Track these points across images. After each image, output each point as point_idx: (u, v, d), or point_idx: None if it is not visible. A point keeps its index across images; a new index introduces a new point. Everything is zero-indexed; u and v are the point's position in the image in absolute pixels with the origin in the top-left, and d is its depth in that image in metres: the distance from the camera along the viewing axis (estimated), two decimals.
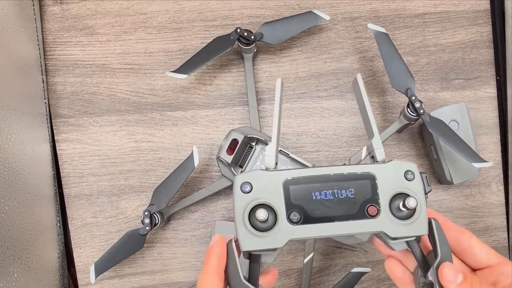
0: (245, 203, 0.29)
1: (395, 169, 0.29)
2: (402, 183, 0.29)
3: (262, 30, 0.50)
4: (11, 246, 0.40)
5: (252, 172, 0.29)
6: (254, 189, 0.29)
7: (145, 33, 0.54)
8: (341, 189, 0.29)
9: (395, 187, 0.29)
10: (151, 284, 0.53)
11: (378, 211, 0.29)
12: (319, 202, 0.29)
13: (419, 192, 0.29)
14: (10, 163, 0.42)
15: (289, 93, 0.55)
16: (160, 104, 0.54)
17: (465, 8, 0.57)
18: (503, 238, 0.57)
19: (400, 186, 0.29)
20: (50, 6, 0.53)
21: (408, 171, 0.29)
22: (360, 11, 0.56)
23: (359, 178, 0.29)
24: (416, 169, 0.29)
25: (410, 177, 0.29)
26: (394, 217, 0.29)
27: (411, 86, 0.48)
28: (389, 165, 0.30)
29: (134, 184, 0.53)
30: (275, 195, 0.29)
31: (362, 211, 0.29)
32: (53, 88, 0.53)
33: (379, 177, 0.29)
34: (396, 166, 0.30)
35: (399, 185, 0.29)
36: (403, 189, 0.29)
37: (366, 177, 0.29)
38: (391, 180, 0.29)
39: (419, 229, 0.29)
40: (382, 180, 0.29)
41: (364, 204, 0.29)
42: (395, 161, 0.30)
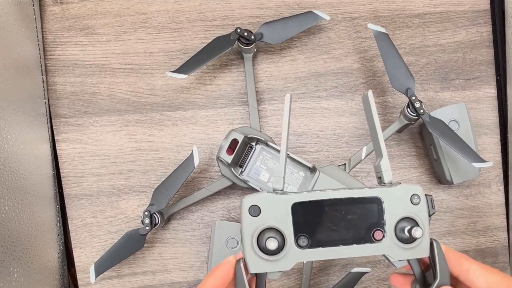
0: (254, 227, 0.28)
1: (402, 193, 0.29)
2: (408, 207, 0.29)
3: (262, 30, 0.50)
4: (11, 246, 0.40)
5: (261, 194, 0.29)
6: (262, 213, 0.29)
7: (145, 33, 0.54)
8: (349, 213, 0.29)
9: (401, 211, 0.29)
10: (151, 284, 0.53)
11: (383, 235, 0.29)
12: (327, 226, 0.29)
13: (424, 216, 0.29)
14: (10, 163, 0.42)
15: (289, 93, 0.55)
16: (160, 104, 0.54)
17: (465, 8, 0.57)
18: (503, 238, 0.57)
19: (406, 211, 0.29)
20: (50, 6, 0.53)
21: (415, 195, 0.29)
22: (360, 11, 0.56)
23: (366, 202, 0.29)
24: (422, 193, 0.30)
25: (416, 201, 0.29)
26: (398, 241, 0.29)
27: (411, 86, 0.48)
28: (396, 189, 0.30)
29: (134, 184, 0.53)
30: (284, 219, 0.29)
31: (368, 235, 0.29)
32: (53, 88, 0.53)
33: (386, 201, 0.29)
34: (403, 190, 0.30)
35: (405, 209, 0.29)
36: (409, 214, 0.29)
37: (373, 201, 0.29)
38: (398, 204, 0.29)
39: (421, 252, 0.29)
40: (389, 204, 0.29)
41: (370, 228, 0.29)
42: (403, 185, 0.30)
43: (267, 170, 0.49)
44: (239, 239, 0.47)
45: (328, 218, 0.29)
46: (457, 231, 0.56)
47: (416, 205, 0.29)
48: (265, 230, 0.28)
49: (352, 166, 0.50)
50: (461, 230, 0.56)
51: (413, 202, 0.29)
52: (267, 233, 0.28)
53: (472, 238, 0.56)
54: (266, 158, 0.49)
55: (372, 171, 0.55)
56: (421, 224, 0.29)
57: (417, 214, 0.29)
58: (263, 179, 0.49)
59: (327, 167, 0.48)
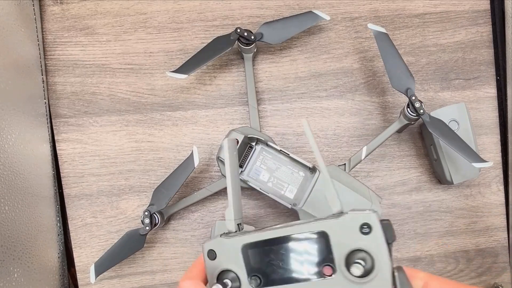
0: (212, 269, 0.31)
1: (350, 223, 0.27)
2: (358, 238, 0.26)
3: (262, 30, 0.50)
4: (11, 246, 0.40)
5: (215, 240, 0.31)
6: (218, 256, 0.30)
7: (145, 33, 0.54)
8: (297, 251, 0.28)
9: (350, 243, 0.27)
10: (151, 284, 0.53)
11: (333, 270, 0.27)
12: (277, 265, 0.29)
13: (377, 246, 0.26)
14: (10, 163, 0.42)
15: (289, 93, 0.55)
16: (160, 104, 0.54)
17: (465, 8, 0.57)
18: (503, 238, 0.57)
19: (356, 243, 0.26)
20: (50, 6, 0.53)
21: (364, 225, 0.26)
22: (360, 11, 0.56)
23: (313, 238, 0.28)
24: (374, 220, 0.26)
25: (366, 231, 0.26)
26: (352, 275, 0.27)
27: (411, 86, 0.48)
28: (343, 219, 0.27)
29: (134, 184, 0.53)
30: (236, 260, 0.30)
31: (318, 271, 0.28)
32: (53, 88, 0.53)
33: (332, 235, 0.27)
34: (351, 219, 0.27)
35: (355, 241, 0.26)
36: (359, 246, 0.26)
37: (319, 236, 0.28)
38: (346, 236, 0.27)
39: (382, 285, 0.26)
40: (335, 238, 0.27)
41: (320, 263, 0.28)
42: (352, 213, 0.27)
43: (267, 170, 0.49)
44: None
45: (277, 256, 0.29)
46: (457, 231, 0.56)
47: (367, 234, 0.26)
48: (223, 271, 0.30)
49: (352, 166, 0.50)
50: (461, 230, 0.56)
51: (363, 232, 0.26)
52: (225, 274, 0.30)
53: (472, 238, 0.56)
54: (266, 158, 0.49)
55: (372, 171, 0.55)
56: (374, 256, 0.26)
57: (368, 245, 0.26)
58: (263, 179, 0.49)
59: (327, 167, 0.48)
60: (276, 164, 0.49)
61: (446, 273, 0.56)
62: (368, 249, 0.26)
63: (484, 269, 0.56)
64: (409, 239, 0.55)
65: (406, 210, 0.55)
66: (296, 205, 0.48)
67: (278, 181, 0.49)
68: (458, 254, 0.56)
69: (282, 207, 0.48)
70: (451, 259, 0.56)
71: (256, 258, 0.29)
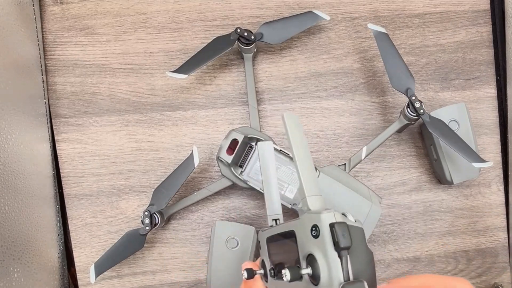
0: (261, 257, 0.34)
1: (307, 224, 0.24)
2: (310, 241, 0.24)
3: (262, 30, 0.50)
4: (11, 246, 0.40)
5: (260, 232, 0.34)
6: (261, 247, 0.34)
7: (145, 33, 0.54)
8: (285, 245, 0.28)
9: (307, 245, 0.24)
10: (151, 284, 0.53)
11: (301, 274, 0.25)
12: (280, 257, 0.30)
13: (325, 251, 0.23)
14: (10, 163, 0.42)
15: (289, 93, 0.55)
16: (160, 104, 0.54)
17: (465, 8, 0.57)
18: (503, 238, 0.57)
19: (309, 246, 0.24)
20: (50, 6, 0.53)
21: (313, 227, 0.23)
22: (360, 11, 0.56)
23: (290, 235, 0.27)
24: (324, 221, 0.23)
25: (314, 234, 0.23)
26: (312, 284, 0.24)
27: (411, 86, 0.48)
28: (302, 218, 0.25)
29: (134, 184, 0.53)
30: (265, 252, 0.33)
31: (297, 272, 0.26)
32: (53, 88, 0.53)
33: (297, 234, 0.26)
34: (308, 219, 0.24)
35: (308, 244, 0.24)
36: (310, 250, 0.24)
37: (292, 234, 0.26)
38: (305, 237, 0.24)
39: None
40: (299, 238, 0.25)
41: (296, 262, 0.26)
42: (308, 213, 0.25)
43: None
44: (239, 239, 0.47)
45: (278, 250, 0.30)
46: (457, 231, 0.56)
47: (315, 238, 0.23)
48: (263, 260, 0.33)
49: (352, 166, 0.50)
50: (461, 230, 0.56)
51: (313, 235, 0.23)
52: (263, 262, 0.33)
53: (472, 238, 0.56)
54: None
55: (372, 171, 0.55)
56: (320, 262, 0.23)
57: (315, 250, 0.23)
58: None
59: (327, 167, 0.48)
60: (276, 164, 0.49)
61: (446, 273, 0.56)
62: (316, 254, 0.23)
63: (484, 269, 0.56)
64: (409, 239, 0.55)
65: (406, 210, 0.55)
66: (296, 205, 0.48)
67: (278, 181, 0.49)
68: (458, 254, 0.56)
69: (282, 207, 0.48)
70: (451, 259, 0.56)
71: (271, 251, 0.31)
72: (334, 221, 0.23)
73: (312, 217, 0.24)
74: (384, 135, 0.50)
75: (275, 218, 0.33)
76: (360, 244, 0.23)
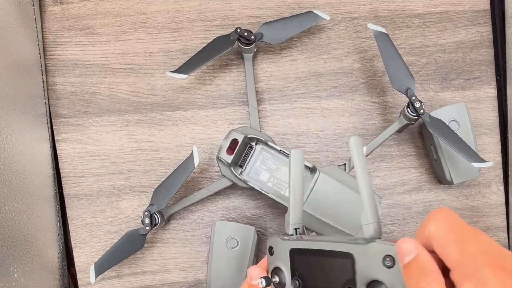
0: (269, 263, 0.33)
1: (375, 252, 0.25)
2: (380, 270, 0.25)
3: (262, 30, 0.50)
4: (11, 246, 0.40)
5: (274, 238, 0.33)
6: (275, 253, 0.33)
7: (145, 33, 0.54)
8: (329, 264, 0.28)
9: (372, 273, 0.25)
10: (151, 284, 0.53)
11: None
12: (314, 273, 0.30)
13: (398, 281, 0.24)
14: (10, 163, 0.42)
15: (289, 93, 0.55)
16: (160, 104, 0.54)
17: (465, 8, 0.57)
18: (503, 238, 0.57)
19: (377, 274, 0.25)
20: (50, 6, 0.53)
21: (387, 257, 0.24)
22: (360, 11, 0.56)
23: (340, 256, 0.27)
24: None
25: (388, 264, 0.24)
26: None
27: (411, 86, 0.48)
28: (370, 246, 0.26)
29: (134, 184, 0.53)
30: (285, 261, 0.32)
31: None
32: (53, 88, 0.53)
33: (357, 259, 0.26)
34: (376, 249, 0.25)
35: (377, 272, 0.25)
36: (379, 278, 0.25)
37: (347, 257, 0.27)
38: (370, 264, 0.25)
39: None
40: (360, 263, 0.26)
41: (346, 284, 0.27)
42: (378, 243, 0.25)
43: (267, 170, 0.49)
44: (239, 239, 0.47)
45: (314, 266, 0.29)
46: None
47: (389, 268, 0.24)
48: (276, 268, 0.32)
49: (352, 166, 0.50)
50: None
51: (385, 264, 0.24)
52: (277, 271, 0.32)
53: None
54: (266, 158, 0.49)
55: (372, 171, 0.55)
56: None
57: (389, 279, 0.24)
58: (263, 179, 0.49)
59: (327, 167, 0.48)
60: (276, 164, 0.49)
61: None
62: (388, 283, 0.25)
63: None
64: None
65: (406, 210, 0.55)
66: None
67: (278, 181, 0.49)
68: None
69: (282, 207, 0.48)
70: None
71: (298, 263, 0.31)
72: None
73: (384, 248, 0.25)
74: (384, 135, 0.50)
75: (297, 227, 0.34)
76: None
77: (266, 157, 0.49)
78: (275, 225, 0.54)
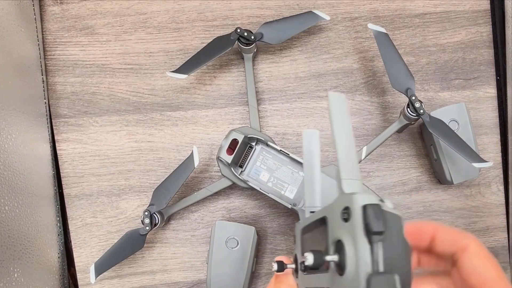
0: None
1: (337, 207, 0.21)
2: (340, 225, 0.21)
3: (262, 30, 0.50)
4: (11, 246, 0.40)
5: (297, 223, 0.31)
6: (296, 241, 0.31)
7: (145, 33, 0.54)
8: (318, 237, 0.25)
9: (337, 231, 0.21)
10: (151, 284, 0.53)
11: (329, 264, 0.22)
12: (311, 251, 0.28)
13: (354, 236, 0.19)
14: (10, 163, 0.42)
15: (289, 93, 0.55)
16: (160, 104, 0.54)
17: (465, 8, 0.57)
18: (503, 238, 0.57)
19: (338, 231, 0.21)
20: (50, 6, 0.53)
21: (345, 209, 0.20)
22: (360, 11, 0.56)
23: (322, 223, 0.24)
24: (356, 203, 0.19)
25: (345, 216, 0.20)
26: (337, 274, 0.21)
27: (411, 86, 0.48)
28: (336, 201, 0.22)
29: (134, 184, 0.53)
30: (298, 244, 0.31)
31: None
32: (53, 88, 0.53)
33: (329, 220, 0.23)
34: (340, 202, 0.21)
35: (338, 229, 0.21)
36: (339, 236, 0.21)
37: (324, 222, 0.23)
38: (336, 222, 0.21)
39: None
40: (331, 224, 0.22)
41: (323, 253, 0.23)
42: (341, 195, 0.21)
43: (267, 170, 0.49)
44: (239, 239, 0.47)
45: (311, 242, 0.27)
46: None
47: (346, 221, 0.20)
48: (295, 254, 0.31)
49: None
50: None
51: (343, 218, 0.20)
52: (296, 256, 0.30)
53: None
54: (266, 158, 0.49)
55: (372, 171, 0.55)
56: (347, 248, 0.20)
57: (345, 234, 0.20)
58: (263, 179, 0.49)
59: (327, 167, 0.48)
60: (276, 164, 0.49)
61: None
62: (344, 239, 0.20)
63: None
64: None
65: (406, 210, 0.55)
66: (296, 205, 0.48)
67: (278, 181, 0.49)
68: None
69: (282, 207, 0.48)
70: None
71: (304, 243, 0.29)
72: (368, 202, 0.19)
73: (345, 199, 0.20)
74: (384, 135, 0.50)
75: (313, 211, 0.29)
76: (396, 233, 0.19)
77: (266, 157, 0.49)
78: (275, 225, 0.54)
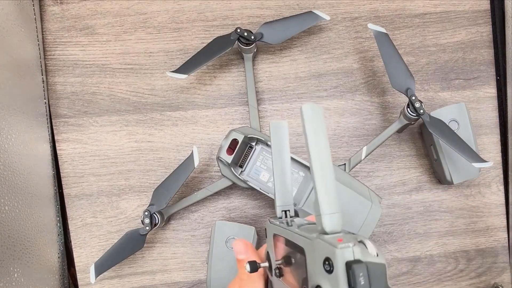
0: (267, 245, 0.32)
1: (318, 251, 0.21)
2: (321, 272, 0.20)
3: (262, 30, 0.50)
4: (11, 246, 0.40)
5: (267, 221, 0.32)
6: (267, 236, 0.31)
7: (145, 33, 0.54)
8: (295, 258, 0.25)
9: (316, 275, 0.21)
10: (151, 284, 0.53)
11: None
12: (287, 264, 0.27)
13: None
14: (10, 163, 0.42)
15: (289, 93, 0.55)
16: (160, 104, 0.54)
17: (465, 8, 0.57)
18: (503, 238, 0.57)
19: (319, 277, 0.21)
20: (50, 6, 0.53)
21: (327, 260, 0.20)
22: (360, 11, 0.56)
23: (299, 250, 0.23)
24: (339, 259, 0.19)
25: (327, 268, 0.20)
26: None
27: (411, 86, 0.48)
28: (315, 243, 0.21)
29: (134, 184, 0.53)
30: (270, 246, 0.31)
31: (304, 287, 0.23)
32: (53, 88, 0.53)
33: (308, 256, 0.22)
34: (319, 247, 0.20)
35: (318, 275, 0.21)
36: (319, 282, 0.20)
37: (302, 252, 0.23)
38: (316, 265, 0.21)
39: None
40: (309, 260, 0.22)
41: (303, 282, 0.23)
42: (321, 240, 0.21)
43: (267, 170, 0.49)
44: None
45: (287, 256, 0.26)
46: (457, 231, 0.56)
47: (329, 273, 0.20)
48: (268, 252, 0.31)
49: (352, 166, 0.50)
50: (461, 230, 0.56)
51: (325, 268, 0.20)
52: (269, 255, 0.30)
53: (472, 238, 0.56)
54: (266, 158, 0.49)
55: (372, 171, 0.55)
56: None
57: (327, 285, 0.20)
58: (263, 179, 0.49)
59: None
60: None
61: (446, 273, 0.56)
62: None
63: (484, 269, 0.56)
64: (409, 239, 0.55)
65: (406, 210, 0.55)
66: (296, 205, 0.48)
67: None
68: (458, 254, 0.56)
69: None
70: (451, 259, 0.56)
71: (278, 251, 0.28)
72: (352, 258, 0.19)
73: (327, 248, 0.20)
74: (384, 135, 0.50)
75: (285, 210, 0.30)
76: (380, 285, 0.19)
77: (266, 157, 0.49)
78: None
